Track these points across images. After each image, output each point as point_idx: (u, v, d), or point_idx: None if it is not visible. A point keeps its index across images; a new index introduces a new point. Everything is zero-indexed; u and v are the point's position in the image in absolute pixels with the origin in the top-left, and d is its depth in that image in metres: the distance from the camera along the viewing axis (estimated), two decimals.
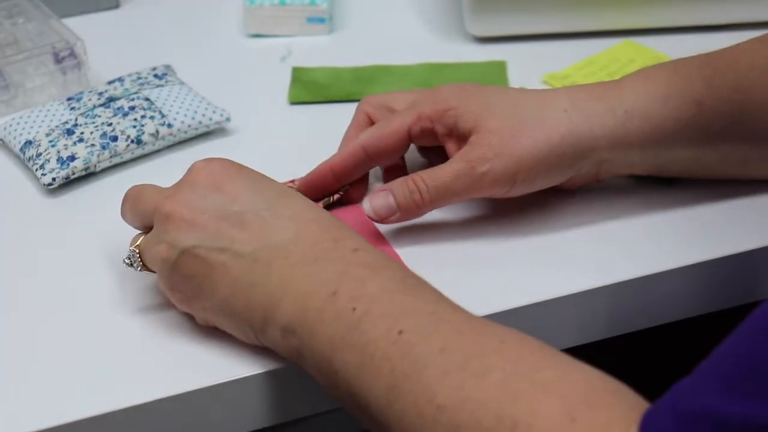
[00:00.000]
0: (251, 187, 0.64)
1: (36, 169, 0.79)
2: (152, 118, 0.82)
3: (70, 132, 0.81)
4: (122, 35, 0.99)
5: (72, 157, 0.79)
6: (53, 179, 0.78)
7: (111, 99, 0.83)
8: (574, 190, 0.75)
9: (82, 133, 0.80)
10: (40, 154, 0.79)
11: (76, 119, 0.82)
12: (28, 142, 0.80)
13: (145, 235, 0.66)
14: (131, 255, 0.66)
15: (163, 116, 0.82)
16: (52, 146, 0.79)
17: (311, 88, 0.90)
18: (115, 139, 0.80)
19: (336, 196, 0.74)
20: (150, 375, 0.64)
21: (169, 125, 0.82)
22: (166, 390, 0.62)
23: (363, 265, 0.60)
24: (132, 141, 0.81)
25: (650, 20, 0.95)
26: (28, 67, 0.88)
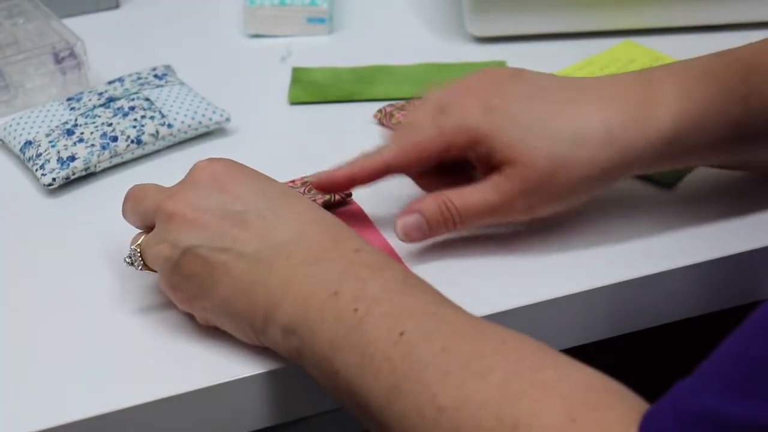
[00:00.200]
0: (253, 187, 0.64)
1: (36, 170, 0.79)
2: (152, 118, 0.82)
3: (70, 132, 0.81)
4: (122, 35, 0.99)
5: (72, 158, 0.79)
6: (53, 179, 0.78)
7: (111, 99, 0.83)
8: None
9: (82, 133, 0.80)
10: (40, 154, 0.79)
11: (76, 119, 0.82)
12: (28, 143, 0.80)
13: (146, 234, 0.66)
14: (132, 254, 0.66)
15: (163, 116, 0.82)
16: (52, 146, 0.79)
17: (311, 88, 0.90)
18: (115, 139, 0.80)
19: (337, 197, 0.74)
20: (150, 375, 0.64)
21: (169, 125, 0.82)
22: (166, 390, 0.62)
23: (364, 265, 0.60)
24: (132, 141, 0.81)
25: (650, 20, 0.95)
26: (28, 67, 0.88)
